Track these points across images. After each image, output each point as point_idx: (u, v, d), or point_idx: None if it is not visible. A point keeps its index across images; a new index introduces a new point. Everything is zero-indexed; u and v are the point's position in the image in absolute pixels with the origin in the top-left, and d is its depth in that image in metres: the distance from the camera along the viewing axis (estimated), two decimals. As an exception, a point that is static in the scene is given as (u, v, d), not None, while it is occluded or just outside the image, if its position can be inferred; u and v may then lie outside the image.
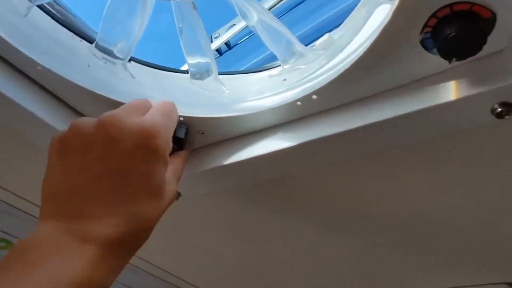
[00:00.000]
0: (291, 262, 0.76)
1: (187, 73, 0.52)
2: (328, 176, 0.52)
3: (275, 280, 0.87)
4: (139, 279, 0.92)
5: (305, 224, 0.62)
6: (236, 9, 0.43)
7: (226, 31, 0.74)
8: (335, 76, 0.40)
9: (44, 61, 0.43)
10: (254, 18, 0.43)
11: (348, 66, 0.38)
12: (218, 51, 0.79)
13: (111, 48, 0.46)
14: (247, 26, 0.72)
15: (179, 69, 0.53)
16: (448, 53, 0.33)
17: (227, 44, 0.75)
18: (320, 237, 0.65)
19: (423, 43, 0.35)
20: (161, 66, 0.53)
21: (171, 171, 0.40)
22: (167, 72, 0.53)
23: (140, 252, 0.36)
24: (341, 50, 0.43)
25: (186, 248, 0.76)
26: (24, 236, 0.32)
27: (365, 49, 0.37)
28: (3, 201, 0.65)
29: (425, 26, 0.34)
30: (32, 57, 0.43)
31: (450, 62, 0.33)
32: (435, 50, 0.34)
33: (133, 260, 0.57)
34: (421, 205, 0.54)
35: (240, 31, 0.74)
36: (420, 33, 0.34)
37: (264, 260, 0.77)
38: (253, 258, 0.77)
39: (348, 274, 0.78)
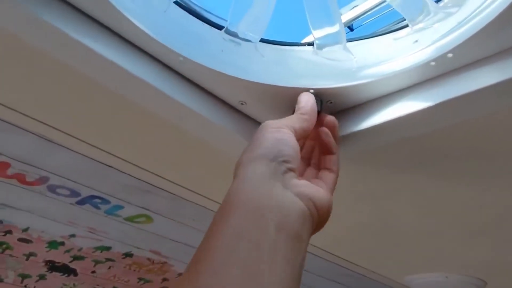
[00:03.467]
0: (413, 221, 0.77)
1: (308, 45, 0.54)
2: (457, 131, 0.51)
3: (393, 239, 0.88)
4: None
5: (428, 181, 0.62)
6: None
7: (350, 10, 0.74)
8: (474, 31, 0.39)
9: (184, 51, 0.47)
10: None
11: (491, 19, 0.37)
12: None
13: (240, 32, 0.49)
14: (369, 9, 0.71)
15: (300, 43, 0.54)
16: None
17: (349, 27, 0.75)
18: (444, 194, 0.65)
19: None
20: (282, 41, 0.55)
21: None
22: (288, 46, 0.55)
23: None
24: (476, 3, 0.42)
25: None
26: (161, 211, 0.38)
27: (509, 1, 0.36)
28: (145, 181, 0.72)
29: None
30: (174, 49, 0.46)
31: None
32: None
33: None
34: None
35: (363, 14, 0.73)
36: None
37: (385, 219, 0.78)
38: (372, 218, 0.78)
39: (472, 229, 0.77)
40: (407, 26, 0.48)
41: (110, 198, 0.79)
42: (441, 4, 0.45)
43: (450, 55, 0.42)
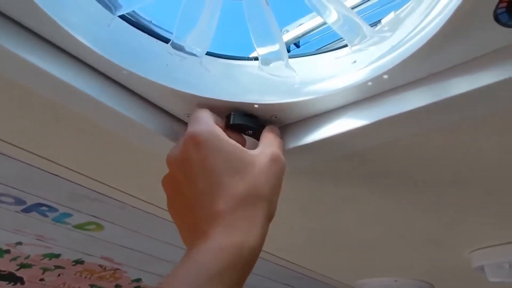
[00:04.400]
0: (360, 229, 0.79)
1: (255, 59, 0.55)
2: (399, 145, 0.53)
3: (343, 248, 0.91)
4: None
5: (370, 194, 0.64)
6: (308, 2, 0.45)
7: (297, 27, 0.75)
8: (407, 55, 0.41)
9: (128, 65, 0.47)
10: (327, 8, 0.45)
11: (422, 43, 0.39)
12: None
13: (186, 46, 0.49)
14: (316, 27, 0.73)
15: (247, 57, 0.55)
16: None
17: (295, 44, 0.76)
18: (389, 204, 0.67)
19: (496, 18, 0.36)
20: (229, 55, 0.56)
21: (260, 143, 0.46)
22: (235, 61, 0.56)
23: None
24: (409, 28, 0.44)
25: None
26: (111, 219, 0.39)
27: (440, 26, 0.38)
28: (94, 190, 0.71)
29: (500, 1, 0.35)
30: (118, 63, 0.46)
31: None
32: (510, 23, 0.35)
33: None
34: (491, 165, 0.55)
35: (309, 32, 0.74)
36: (495, 8, 0.35)
37: (332, 229, 0.80)
38: (321, 225, 0.80)
39: (417, 237, 0.81)
40: (347, 45, 0.50)
41: (57, 206, 0.78)
42: (376, 28, 0.47)
43: (385, 76, 0.44)
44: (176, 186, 0.42)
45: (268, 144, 0.45)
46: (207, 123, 0.43)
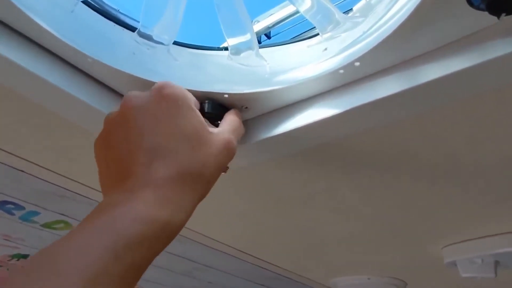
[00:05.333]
0: (332, 225, 0.79)
1: (225, 49, 0.54)
2: (371, 136, 0.53)
3: (316, 244, 0.90)
4: (184, 247, 0.96)
5: (344, 187, 0.64)
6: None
7: (267, 17, 0.74)
8: (378, 41, 0.41)
9: (93, 53, 0.45)
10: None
11: (393, 29, 0.39)
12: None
13: (153, 34, 0.48)
14: (286, 17, 0.72)
15: (216, 47, 0.54)
16: (496, 9, 0.33)
17: (266, 34, 0.75)
18: (361, 198, 0.67)
19: (469, 0, 0.36)
20: (198, 45, 0.54)
21: (221, 125, 0.44)
22: (205, 51, 0.55)
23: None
24: (380, 14, 0.43)
25: (226, 214, 0.78)
26: (80, 217, 0.35)
27: (410, 11, 0.37)
28: (61, 186, 0.69)
29: (471, -17, 0.34)
30: (82, 50, 0.44)
31: (498, 18, 0.34)
32: (482, 6, 0.35)
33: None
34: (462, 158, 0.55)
35: (280, 22, 0.73)
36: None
37: (305, 226, 0.80)
38: (293, 223, 0.79)
39: (388, 233, 0.81)
40: (318, 34, 0.49)
41: (24, 204, 0.75)
42: (349, 14, 0.46)
43: (357, 63, 0.43)
44: (111, 138, 0.39)
45: (228, 128, 0.44)
46: (184, 89, 0.41)
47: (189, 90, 0.47)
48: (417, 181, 0.61)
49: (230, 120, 0.45)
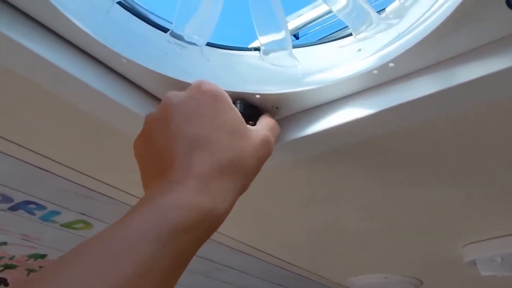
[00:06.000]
0: (354, 223, 0.79)
1: (255, 50, 0.54)
2: (400, 136, 0.53)
3: (335, 242, 0.90)
4: (204, 247, 0.96)
5: (370, 185, 0.64)
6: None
7: (296, 18, 0.74)
8: (414, 42, 0.41)
9: (127, 53, 0.45)
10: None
11: (431, 29, 0.39)
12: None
13: (187, 35, 0.48)
14: (315, 18, 0.72)
15: (247, 47, 0.54)
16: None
17: (294, 35, 0.75)
18: (387, 196, 0.67)
19: (508, 3, 0.36)
20: (228, 46, 0.54)
21: (258, 125, 0.45)
22: (235, 51, 0.55)
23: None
24: (417, 17, 0.43)
25: (249, 214, 0.78)
26: (100, 217, 0.35)
27: (449, 12, 0.37)
28: (83, 186, 0.69)
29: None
30: (117, 51, 0.45)
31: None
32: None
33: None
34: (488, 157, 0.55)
35: (310, 22, 0.73)
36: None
37: (328, 222, 0.80)
38: (315, 221, 0.79)
39: (409, 231, 0.81)
40: (351, 34, 0.49)
41: (46, 203, 0.75)
42: (382, 15, 0.46)
43: (391, 64, 0.43)
44: (152, 135, 0.39)
45: (265, 127, 0.45)
46: (221, 88, 0.42)
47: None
48: (443, 181, 0.61)
49: (266, 121, 0.46)
